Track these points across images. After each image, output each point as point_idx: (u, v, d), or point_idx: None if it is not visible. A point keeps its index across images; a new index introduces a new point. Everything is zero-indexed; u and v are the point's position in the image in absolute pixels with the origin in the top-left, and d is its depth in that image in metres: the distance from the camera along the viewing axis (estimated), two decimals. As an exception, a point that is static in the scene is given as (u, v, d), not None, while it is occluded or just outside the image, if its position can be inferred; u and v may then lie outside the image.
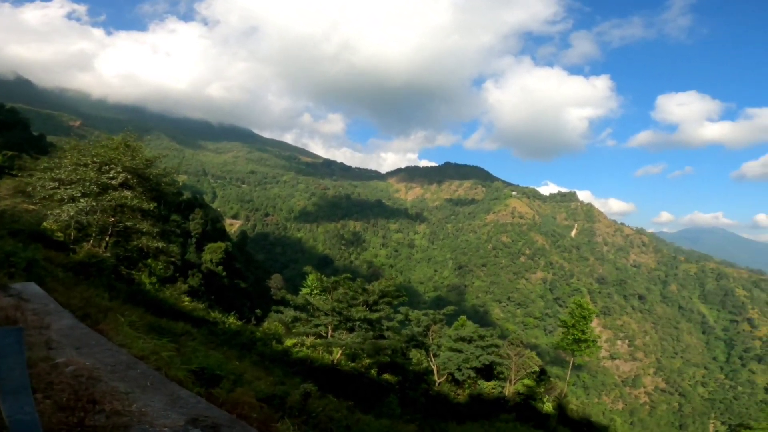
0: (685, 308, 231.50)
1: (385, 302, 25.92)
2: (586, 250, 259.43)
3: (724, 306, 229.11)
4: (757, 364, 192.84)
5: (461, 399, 28.07)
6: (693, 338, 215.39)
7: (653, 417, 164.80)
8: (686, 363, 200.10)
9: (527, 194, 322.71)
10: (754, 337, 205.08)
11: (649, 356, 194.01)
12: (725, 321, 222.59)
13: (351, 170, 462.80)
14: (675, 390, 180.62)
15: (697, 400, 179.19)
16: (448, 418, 17.30)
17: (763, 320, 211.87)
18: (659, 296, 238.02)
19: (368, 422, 6.99)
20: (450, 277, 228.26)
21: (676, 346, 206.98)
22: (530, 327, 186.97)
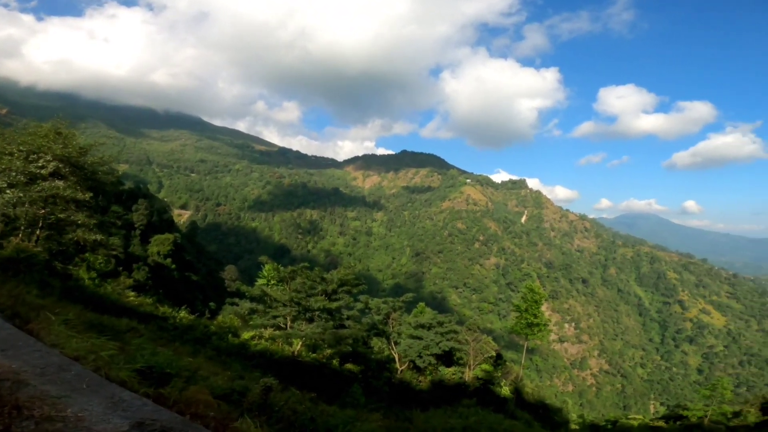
0: (624, 291, 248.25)
1: (345, 291, 25.51)
2: (535, 235, 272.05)
3: (657, 288, 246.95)
4: (688, 345, 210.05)
5: (424, 386, 28.30)
6: (631, 320, 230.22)
7: (599, 398, 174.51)
8: (626, 345, 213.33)
9: (481, 182, 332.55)
10: (685, 318, 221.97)
11: (593, 338, 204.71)
12: (659, 303, 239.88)
13: (307, 158, 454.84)
14: (617, 372, 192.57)
15: (638, 381, 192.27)
16: (412, 405, 17.48)
17: (692, 302, 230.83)
18: (600, 279, 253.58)
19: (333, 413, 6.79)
20: (408, 265, 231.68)
21: (617, 328, 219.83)
22: (485, 312, 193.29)
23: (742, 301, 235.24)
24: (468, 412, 15.55)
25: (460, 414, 14.42)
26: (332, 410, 7.29)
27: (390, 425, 9.57)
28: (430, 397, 25.24)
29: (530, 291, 37.98)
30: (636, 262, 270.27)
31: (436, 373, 30.09)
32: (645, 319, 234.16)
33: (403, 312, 34.71)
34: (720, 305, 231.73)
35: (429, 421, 11.01)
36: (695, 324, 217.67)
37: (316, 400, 7.98)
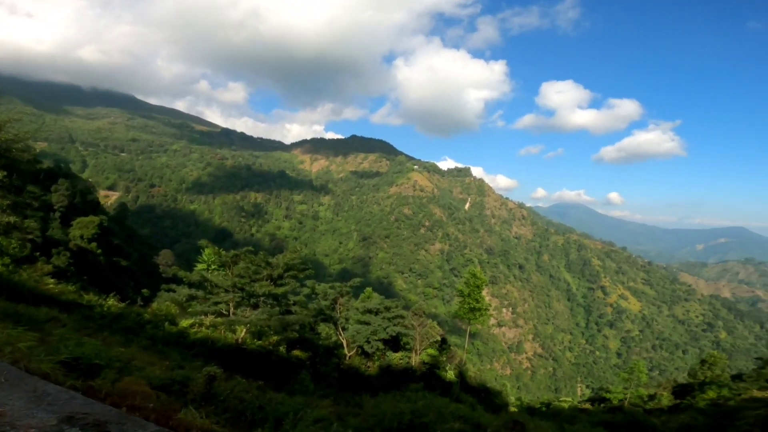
0: (555, 277, 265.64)
1: (291, 276, 24.68)
2: (478, 222, 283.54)
3: (583, 275, 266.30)
4: (609, 329, 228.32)
5: (372, 371, 28.28)
6: (561, 305, 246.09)
7: (534, 381, 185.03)
8: (557, 329, 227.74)
9: (428, 168, 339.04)
10: (606, 303, 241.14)
11: (528, 323, 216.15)
12: (584, 288, 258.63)
13: (252, 140, 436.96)
14: (549, 355, 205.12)
15: (567, 364, 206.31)
16: (361, 391, 17.65)
17: (612, 288, 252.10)
18: (535, 266, 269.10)
19: (282, 401, 6.66)
20: (355, 249, 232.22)
21: (549, 312, 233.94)
22: (430, 297, 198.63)
23: (655, 288, 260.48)
24: (416, 397, 15.95)
25: (408, 398, 14.76)
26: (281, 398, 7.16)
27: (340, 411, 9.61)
28: (379, 382, 25.30)
29: (473, 276, 38.19)
30: (566, 249, 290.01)
31: (384, 359, 30.17)
32: (573, 304, 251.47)
33: (350, 297, 34.44)
34: (636, 291, 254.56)
35: (378, 406, 11.15)
36: (615, 309, 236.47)
37: (263, 388, 7.81)
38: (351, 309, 31.84)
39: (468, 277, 39.00)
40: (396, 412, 10.22)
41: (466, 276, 39.67)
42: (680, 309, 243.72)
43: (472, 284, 37.99)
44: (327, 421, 5.99)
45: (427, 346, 33.49)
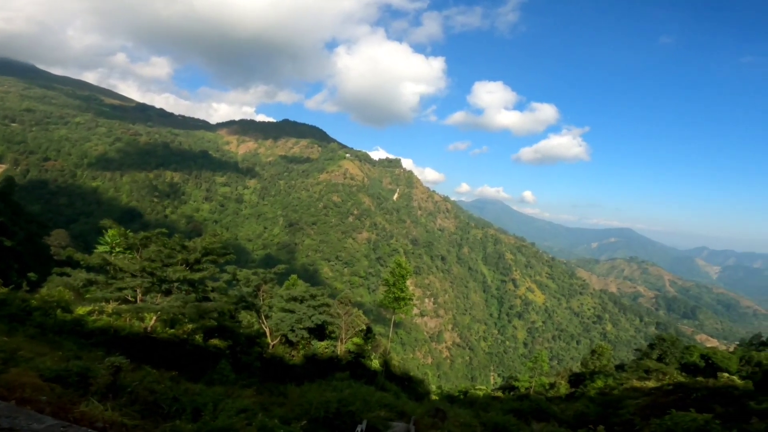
0: (473, 269, 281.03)
1: (209, 261, 23.10)
2: (405, 213, 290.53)
3: (498, 267, 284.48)
4: (518, 320, 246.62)
5: (297, 360, 27.83)
6: (477, 296, 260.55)
7: (453, 370, 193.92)
8: (473, 319, 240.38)
9: (360, 157, 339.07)
10: (516, 295, 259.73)
11: (448, 313, 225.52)
12: (498, 281, 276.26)
13: (172, 117, 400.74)
14: (466, 345, 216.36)
15: (481, 354, 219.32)
16: (286, 380, 17.22)
17: (522, 281, 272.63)
18: (455, 257, 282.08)
19: (199, 391, 6.23)
20: (280, 235, 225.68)
21: (466, 303, 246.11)
22: (356, 286, 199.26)
23: (557, 282, 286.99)
24: (342, 385, 15.99)
25: (334, 387, 14.77)
26: (198, 388, 6.71)
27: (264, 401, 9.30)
28: (304, 371, 25.02)
29: (398, 266, 39.09)
30: (484, 243, 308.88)
31: (309, 347, 29.87)
32: (487, 295, 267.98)
33: (274, 284, 33.52)
34: (541, 284, 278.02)
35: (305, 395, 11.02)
36: (523, 301, 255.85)
37: (177, 379, 7.27)
38: (275, 296, 31.01)
39: (394, 267, 39.63)
40: (323, 401, 10.18)
41: (392, 266, 40.36)
42: (576, 302, 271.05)
43: (397, 274, 38.67)
44: (251, 412, 5.73)
45: (352, 335, 33.59)
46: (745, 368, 43.47)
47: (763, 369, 38.06)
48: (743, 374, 36.94)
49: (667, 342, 51.84)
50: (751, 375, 35.67)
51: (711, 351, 48.52)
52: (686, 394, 17.41)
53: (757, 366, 43.66)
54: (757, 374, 34.80)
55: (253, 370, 20.53)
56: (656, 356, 49.73)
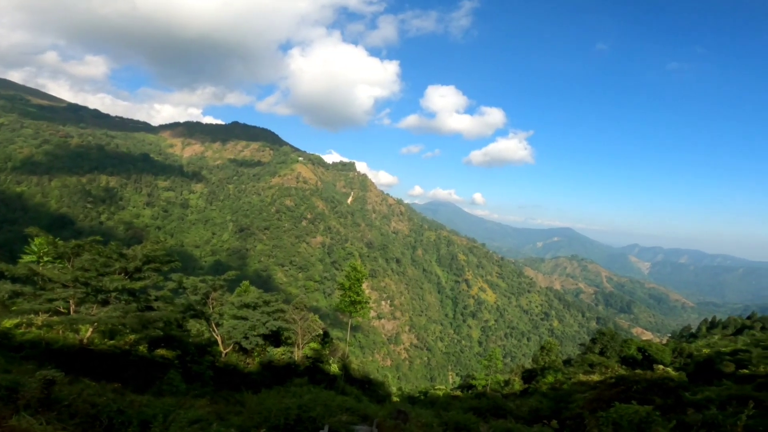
0: (428, 270, 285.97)
1: (152, 269, 21.81)
2: (359, 216, 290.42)
3: (451, 268, 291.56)
4: (472, 319, 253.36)
5: (253, 368, 27.19)
6: (432, 297, 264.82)
7: (412, 371, 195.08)
8: (429, 320, 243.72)
9: (313, 161, 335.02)
10: (469, 295, 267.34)
11: (405, 315, 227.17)
12: (452, 282, 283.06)
13: (109, 118, 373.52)
14: (424, 345, 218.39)
15: (439, 354, 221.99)
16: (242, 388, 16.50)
17: (474, 281, 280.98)
18: (410, 260, 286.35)
19: (147, 403, 5.72)
20: (230, 241, 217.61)
21: (422, 304, 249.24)
22: (311, 290, 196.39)
23: (507, 281, 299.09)
24: (301, 391, 15.63)
25: (293, 393, 14.39)
26: (146, 400, 6.19)
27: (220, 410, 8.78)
28: (261, 378, 24.49)
29: (353, 269, 39.09)
30: (437, 244, 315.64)
31: (265, 354, 29.23)
32: (442, 296, 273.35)
33: (224, 291, 32.28)
34: (492, 284, 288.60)
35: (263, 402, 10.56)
36: (476, 300, 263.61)
37: (122, 391, 6.67)
38: (226, 304, 29.96)
39: (349, 271, 39.54)
40: (282, 407, 9.79)
41: (347, 269, 40.28)
42: (525, 300, 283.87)
43: (352, 277, 38.58)
44: (205, 422, 5.33)
45: (309, 340, 33.13)
46: (678, 360, 46.91)
47: (695, 360, 41.23)
48: (677, 366, 39.82)
49: (607, 336, 54.30)
50: (684, 366, 38.63)
51: (646, 344, 51.40)
52: (628, 386, 18.42)
53: (688, 357, 47.27)
54: (690, 365, 37.80)
55: (205, 380, 19.63)
56: (598, 350, 52.04)
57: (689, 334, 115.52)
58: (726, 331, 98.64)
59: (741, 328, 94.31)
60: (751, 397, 14.27)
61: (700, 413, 12.86)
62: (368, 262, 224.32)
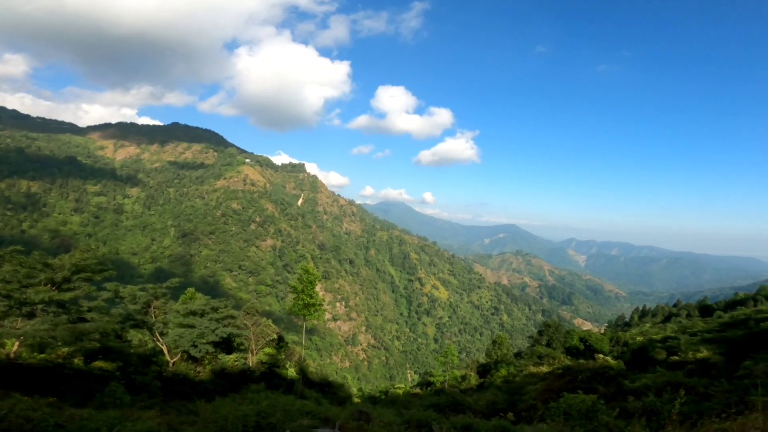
0: (381, 270, 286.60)
1: (83, 279, 20.31)
2: (310, 218, 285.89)
3: (404, 267, 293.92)
4: (426, 317, 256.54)
5: (204, 376, 26.13)
6: (387, 297, 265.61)
7: (371, 371, 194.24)
8: (385, 320, 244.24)
9: (261, 162, 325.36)
10: (422, 293, 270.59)
11: (361, 315, 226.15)
12: (405, 280, 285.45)
13: (29, 120, 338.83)
14: (381, 345, 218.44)
15: (397, 353, 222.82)
16: (194, 397, 15.57)
17: (427, 279, 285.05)
18: (363, 260, 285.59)
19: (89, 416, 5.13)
20: (173, 247, 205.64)
21: (377, 304, 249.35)
22: (263, 295, 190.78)
23: (458, 278, 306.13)
24: (258, 397, 15.03)
25: (250, 400, 13.76)
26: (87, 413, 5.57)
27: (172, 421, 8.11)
28: (214, 386, 23.62)
29: (305, 272, 38.30)
30: (389, 244, 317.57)
31: (217, 362, 28.33)
32: (396, 295, 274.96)
33: (168, 299, 30.81)
34: (444, 281, 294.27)
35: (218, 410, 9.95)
36: (429, 298, 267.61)
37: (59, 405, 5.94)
38: (170, 312, 28.61)
39: (301, 273, 38.75)
40: (239, 415, 9.27)
41: (299, 272, 39.42)
42: (475, 296, 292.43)
43: (305, 280, 37.86)
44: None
45: (263, 346, 32.34)
46: (616, 348, 50.29)
47: (630, 348, 44.39)
48: (615, 354, 42.59)
49: (552, 328, 56.74)
50: (621, 354, 41.40)
51: (587, 334, 54.35)
52: (574, 376, 19.31)
53: (624, 346, 50.71)
54: (626, 354, 40.62)
55: (152, 391, 18.49)
56: (545, 342, 54.26)
57: (623, 323, 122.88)
58: (655, 319, 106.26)
59: (669, 315, 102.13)
60: (683, 383, 15.52)
61: (640, 400, 13.66)
62: (321, 264, 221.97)
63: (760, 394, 6.44)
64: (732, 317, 51.80)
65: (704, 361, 22.39)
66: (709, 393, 13.21)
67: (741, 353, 21.64)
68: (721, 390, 13.46)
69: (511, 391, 24.53)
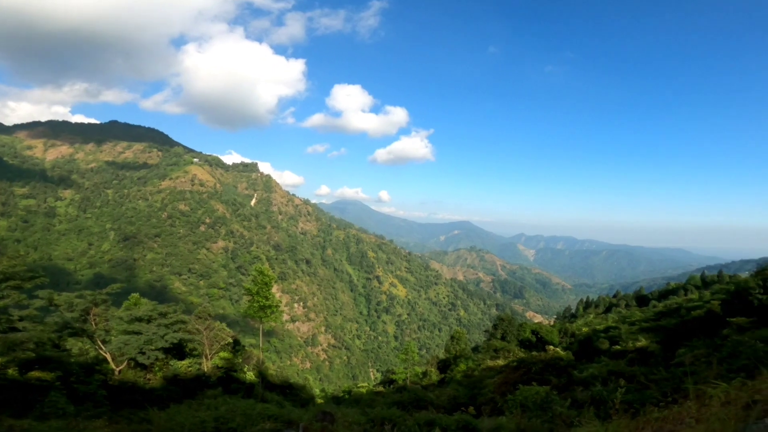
0: (339, 270, 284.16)
1: (11, 287, 19.14)
2: (264, 218, 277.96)
3: (362, 266, 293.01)
4: (386, 315, 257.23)
5: (156, 383, 25.04)
6: (346, 296, 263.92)
7: (333, 371, 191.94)
8: (345, 319, 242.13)
9: (210, 162, 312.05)
10: (381, 291, 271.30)
11: (319, 316, 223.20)
12: (363, 279, 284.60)
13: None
14: (342, 345, 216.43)
15: (358, 352, 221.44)
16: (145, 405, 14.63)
17: (385, 277, 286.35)
18: (320, 260, 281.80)
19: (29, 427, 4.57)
20: (113, 251, 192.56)
21: (336, 304, 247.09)
22: (216, 298, 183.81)
23: (415, 275, 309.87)
24: (216, 403, 14.35)
25: (207, 406, 13.08)
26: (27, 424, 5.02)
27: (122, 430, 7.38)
28: (167, 393, 22.68)
29: (260, 273, 37.34)
30: (346, 243, 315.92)
31: (168, 368, 27.16)
32: (355, 294, 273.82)
33: (109, 306, 29.04)
34: (402, 279, 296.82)
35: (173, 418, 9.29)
36: (388, 296, 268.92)
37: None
38: (112, 319, 27.12)
39: (255, 275, 37.76)
40: (196, 421, 8.74)
41: (254, 274, 38.43)
42: (433, 292, 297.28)
43: (260, 282, 36.91)
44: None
45: (218, 350, 31.24)
46: (564, 339, 52.64)
47: (577, 339, 46.75)
48: (564, 345, 44.65)
49: (505, 322, 57.89)
50: (569, 345, 43.51)
51: (538, 326, 56.59)
52: (528, 368, 20.10)
53: (572, 336, 53.24)
54: (574, 344, 42.70)
55: (98, 400, 17.56)
56: (500, 335, 55.27)
57: (570, 314, 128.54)
58: (598, 309, 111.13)
59: (609, 306, 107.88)
60: (625, 372, 16.46)
61: (589, 390, 14.34)
62: (277, 265, 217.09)
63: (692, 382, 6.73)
64: (665, 306, 56.11)
65: (643, 350, 23.97)
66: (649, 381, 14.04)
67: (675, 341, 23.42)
68: (659, 378, 14.37)
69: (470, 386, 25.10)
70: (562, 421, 10.27)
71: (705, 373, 10.61)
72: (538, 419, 10.83)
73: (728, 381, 6.48)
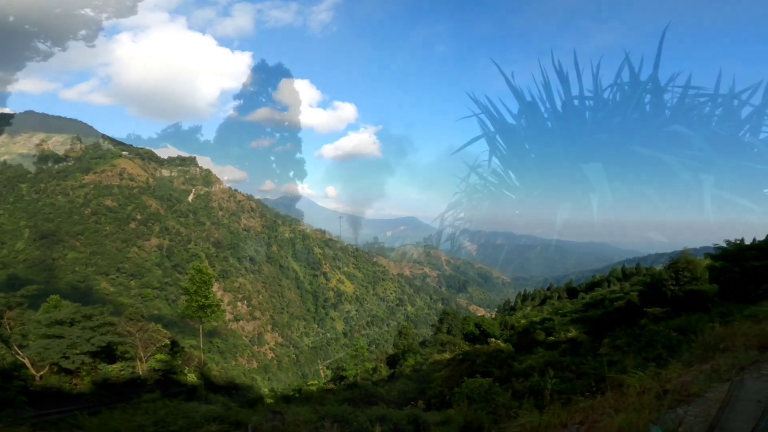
0: (285, 267, 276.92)
1: None
2: (203, 214, 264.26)
3: (308, 263, 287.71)
4: (334, 312, 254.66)
5: (84, 388, 23.53)
6: (292, 293, 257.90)
7: (282, 370, 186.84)
8: (292, 317, 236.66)
9: (142, 155, 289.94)
10: (328, 288, 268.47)
11: (265, 314, 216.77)
12: (310, 276, 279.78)
13: None
14: (290, 343, 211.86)
15: (306, 349, 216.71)
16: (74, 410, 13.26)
17: (332, 273, 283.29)
18: (265, 257, 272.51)
19: None
20: (28, 251, 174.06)
21: (282, 302, 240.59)
22: (150, 299, 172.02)
23: (362, 271, 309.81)
24: (154, 407, 13.38)
25: (145, 410, 12.16)
26: None
27: None
28: (98, 398, 21.24)
29: (198, 272, 36.32)
30: (292, 239, 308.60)
31: (97, 373, 25.58)
32: (302, 291, 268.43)
33: (24, 309, 26.52)
34: (349, 275, 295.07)
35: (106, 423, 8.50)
36: (336, 292, 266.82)
37: None
38: (29, 323, 24.83)
39: (193, 274, 36.55)
40: (133, 426, 8.00)
41: (191, 272, 37.22)
42: (380, 288, 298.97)
43: (198, 280, 35.67)
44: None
45: (154, 352, 29.59)
46: (505, 332, 54.99)
47: (516, 331, 49.05)
48: (504, 337, 46.59)
49: (450, 316, 59.14)
50: (509, 338, 45.53)
51: (481, 320, 58.30)
52: (473, 361, 20.84)
53: (511, 329, 55.65)
54: (513, 336, 44.76)
55: (18, 406, 15.98)
56: (446, 329, 56.35)
57: (509, 307, 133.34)
58: (534, 302, 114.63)
59: (544, 298, 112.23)
60: (559, 362, 17.51)
61: (527, 381, 15.12)
62: (218, 263, 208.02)
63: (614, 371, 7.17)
64: (592, 298, 60.52)
65: (574, 340, 25.64)
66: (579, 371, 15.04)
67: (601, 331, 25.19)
68: (588, 368, 15.44)
69: (419, 380, 25.58)
70: (504, 411, 10.65)
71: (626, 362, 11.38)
72: (483, 411, 11.19)
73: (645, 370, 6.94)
